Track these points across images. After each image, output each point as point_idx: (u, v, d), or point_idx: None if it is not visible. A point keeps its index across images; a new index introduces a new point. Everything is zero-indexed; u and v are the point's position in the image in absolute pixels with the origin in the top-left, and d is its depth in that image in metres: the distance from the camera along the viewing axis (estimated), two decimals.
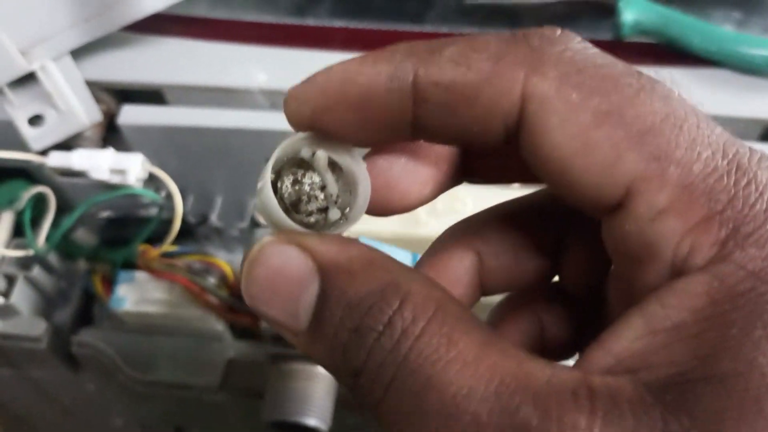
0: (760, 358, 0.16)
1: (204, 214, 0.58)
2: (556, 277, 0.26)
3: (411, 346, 0.18)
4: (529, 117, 0.19)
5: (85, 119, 0.54)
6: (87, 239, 0.59)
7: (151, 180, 0.55)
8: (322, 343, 0.19)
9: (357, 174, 0.22)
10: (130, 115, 0.54)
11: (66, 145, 0.55)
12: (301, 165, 0.22)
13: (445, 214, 0.49)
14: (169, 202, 0.54)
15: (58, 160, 0.53)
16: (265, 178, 0.21)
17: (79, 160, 0.53)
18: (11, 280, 0.56)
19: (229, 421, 0.63)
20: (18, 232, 0.57)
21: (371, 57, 0.20)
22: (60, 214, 0.56)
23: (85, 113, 0.54)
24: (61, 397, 0.66)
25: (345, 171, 0.22)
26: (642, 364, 0.17)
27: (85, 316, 0.59)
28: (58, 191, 0.56)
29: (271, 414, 0.50)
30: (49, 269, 0.58)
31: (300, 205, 0.22)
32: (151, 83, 0.55)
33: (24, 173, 0.57)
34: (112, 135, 0.57)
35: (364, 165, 0.22)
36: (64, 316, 0.58)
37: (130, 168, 0.53)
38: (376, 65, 0.20)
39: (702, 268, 0.18)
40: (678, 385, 0.17)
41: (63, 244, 0.57)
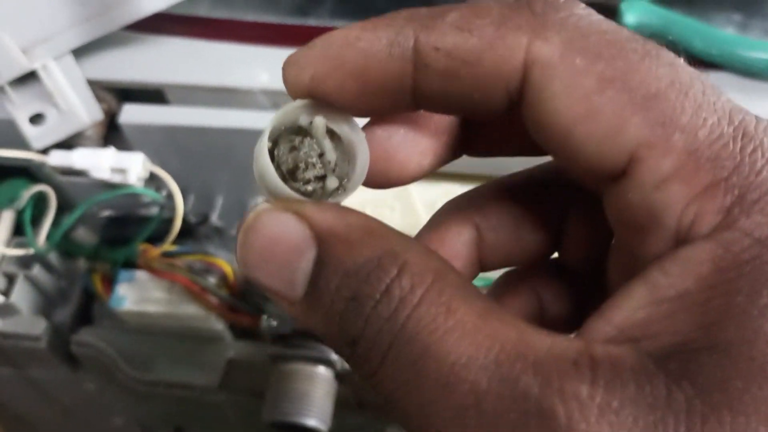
0: (766, 326, 0.16)
1: (205, 213, 0.58)
2: (556, 254, 0.26)
3: (409, 314, 0.17)
4: (532, 83, 0.19)
5: (86, 118, 0.54)
6: (87, 238, 0.59)
7: (152, 179, 0.55)
8: (318, 312, 0.19)
9: (355, 143, 0.21)
10: (131, 114, 0.54)
11: (67, 144, 0.55)
12: (299, 133, 0.21)
13: None
14: (170, 202, 0.54)
15: (59, 159, 0.53)
16: (262, 145, 0.20)
17: (80, 159, 0.53)
18: (11, 279, 0.56)
19: (229, 421, 0.63)
20: (18, 231, 0.57)
21: (371, 22, 0.20)
22: (60, 213, 0.56)
23: (86, 112, 0.54)
24: (61, 397, 0.66)
25: (343, 140, 0.22)
26: (644, 333, 0.17)
27: (85, 315, 0.59)
28: (58, 190, 0.56)
29: (270, 414, 0.50)
30: (49, 268, 0.58)
31: (297, 172, 0.21)
32: (153, 82, 0.55)
33: (25, 172, 0.57)
34: (113, 134, 0.57)
35: (362, 134, 0.21)
36: (64, 315, 0.58)
37: (131, 167, 0.53)
38: (377, 30, 0.20)
39: (707, 235, 0.17)
40: (682, 354, 0.16)
41: (63, 243, 0.57)
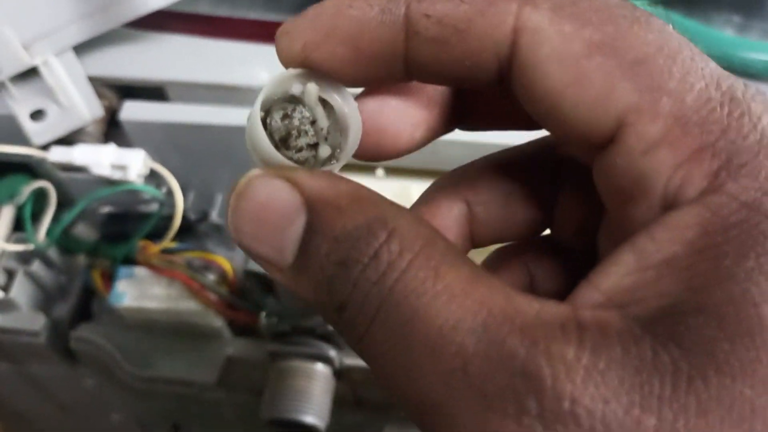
0: (752, 289, 0.16)
1: (204, 211, 0.58)
2: (547, 231, 0.26)
3: (397, 278, 0.17)
4: (522, 49, 0.19)
5: (86, 115, 0.54)
6: (87, 234, 0.59)
7: (152, 176, 0.55)
8: (307, 278, 0.19)
9: (348, 113, 0.21)
10: (132, 111, 0.54)
11: (67, 140, 0.55)
12: (292, 102, 0.21)
13: None
14: (170, 199, 0.54)
15: (59, 155, 0.54)
16: (255, 113, 0.20)
17: (80, 155, 0.53)
18: (11, 275, 0.56)
19: (227, 419, 0.63)
20: (18, 227, 0.57)
21: None
22: (61, 209, 0.56)
23: (87, 109, 0.54)
24: (60, 393, 0.66)
25: (336, 110, 0.22)
26: (632, 299, 0.17)
27: (84, 311, 0.59)
28: (59, 186, 0.56)
29: (269, 411, 0.50)
30: (49, 264, 0.58)
31: (290, 140, 0.21)
32: (153, 80, 0.55)
33: (25, 168, 0.57)
34: (114, 131, 0.57)
35: (355, 104, 0.21)
36: (63, 311, 0.58)
37: (131, 164, 0.53)
38: None
39: (694, 200, 0.17)
40: (668, 317, 0.16)
41: (63, 239, 0.57)
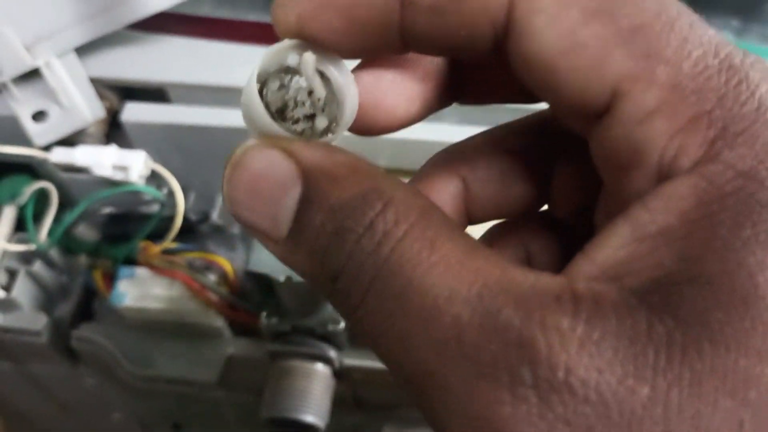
0: (749, 258, 0.16)
1: (205, 211, 0.58)
2: (544, 207, 0.25)
3: (393, 248, 0.17)
4: (517, 18, 0.19)
5: (88, 116, 0.54)
6: (89, 235, 0.59)
7: (153, 177, 0.55)
8: (302, 250, 0.19)
9: (344, 84, 0.21)
10: (134, 112, 0.55)
11: (69, 141, 0.55)
12: (288, 73, 0.21)
13: None
14: (171, 200, 0.55)
15: (61, 156, 0.54)
16: (251, 84, 0.20)
17: (82, 156, 0.54)
18: (13, 275, 0.56)
19: (227, 418, 0.63)
20: (20, 227, 0.57)
21: None
22: (62, 210, 0.56)
23: (89, 110, 0.54)
24: (61, 392, 0.67)
25: (332, 82, 0.21)
26: (627, 270, 0.17)
27: (85, 311, 0.59)
28: (60, 187, 0.56)
29: (269, 410, 0.51)
30: (50, 264, 0.58)
31: (286, 111, 0.21)
32: (155, 81, 0.56)
33: (27, 168, 0.57)
34: (115, 132, 0.57)
35: (351, 76, 0.21)
36: (64, 310, 0.58)
37: (132, 165, 0.53)
38: None
39: (690, 169, 0.17)
40: (663, 287, 0.16)
41: (65, 239, 0.57)
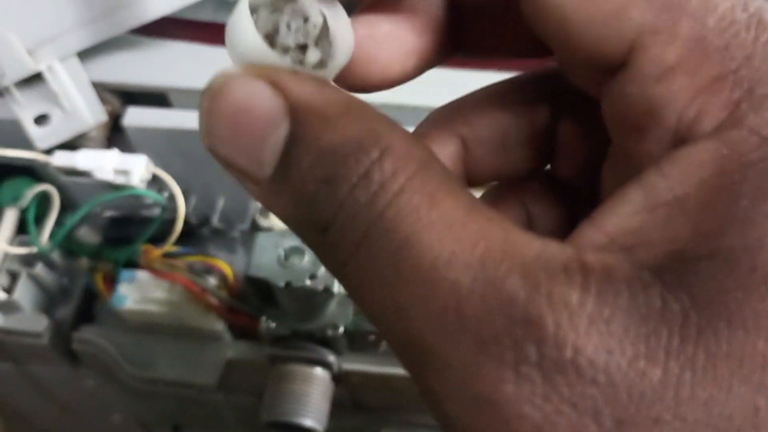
0: None
1: (206, 215, 0.59)
2: (547, 167, 0.24)
3: (389, 201, 0.16)
4: None
5: (90, 120, 0.54)
6: (90, 238, 0.59)
7: (155, 181, 0.55)
8: (286, 194, 0.17)
9: (338, 23, 0.19)
10: (135, 117, 0.55)
11: (71, 144, 0.55)
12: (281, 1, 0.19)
13: None
14: (172, 204, 0.55)
15: (62, 160, 0.54)
16: (241, 4, 0.18)
17: (83, 159, 0.54)
18: (14, 277, 0.56)
19: (227, 421, 0.63)
20: (22, 230, 0.57)
21: None
22: (64, 213, 0.56)
23: (91, 114, 0.54)
24: (61, 394, 0.67)
25: (327, 19, 0.19)
26: (639, 240, 0.16)
27: (86, 313, 0.59)
28: (62, 190, 0.56)
29: (268, 414, 0.51)
30: (51, 267, 0.58)
31: (276, 38, 0.19)
32: (156, 86, 0.56)
33: (29, 171, 0.58)
34: (117, 136, 0.57)
35: (346, 16, 0.20)
36: (65, 313, 0.58)
37: (134, 169, 0.54)
38: None
39: (710, 134, 0.16)
40: (679, 263, 0.15)
41: (66, 242, 0.57)
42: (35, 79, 0.52)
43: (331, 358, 0.52)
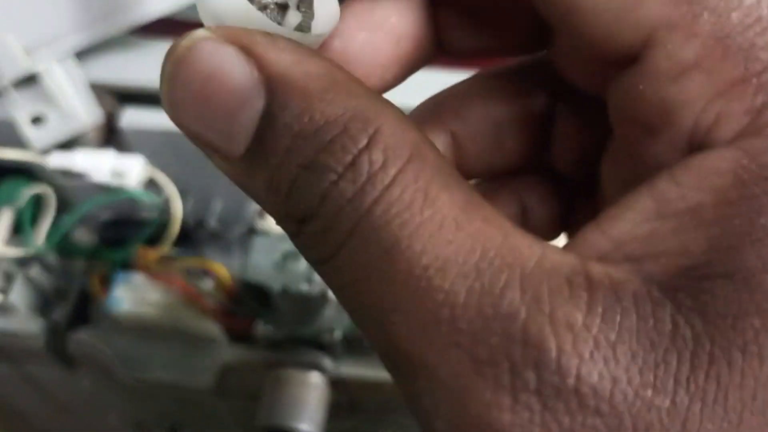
0: None
1: (202, 218, 0.58)
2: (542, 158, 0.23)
3: (379, 196, 0.14)
4: None
5: (86, 120, 0.54)
6: (86, 239, 0.59)
7: (151, 183, 0.55)
8: (260, 175, 0.15)
9: None
10: (132, 117, 0.55)
11: (67, 145, 0.55)
12: None
13: None
14: (168, 206, 0.55)
15: (59, 161, 0.54)
16: None
17: (80, 160, 0.53)
18: (10, 278, 0.56)
19: (224, 424, 0.63)
20: (18, 231, 0.57)
21: None
22: (60, 214, 0.56)
23: (87, 114, 0.54)
24: (57, 394, 0.67)
25: None
26: (647, 251, 0.15)
27: (82, 315, 0.59)
28: (58, 191, 0.56)
29: (264, 418, 0.50)
30: (47, 268, 0.58)
31: None
32: (154, 87, 0.56)
33: (25, 172, 0.57)
34: (113, 137, 0.57)
35: None
36: (61, 314, 0.58)
37: (130, 170, 0.53)
38: None
39: (729, 141, 0.15)
40: (692, 280, 0.14)
41: (62, 243, 0.57)
42: (32, 79, 0.52)
43: (328, 362, 0.52)
